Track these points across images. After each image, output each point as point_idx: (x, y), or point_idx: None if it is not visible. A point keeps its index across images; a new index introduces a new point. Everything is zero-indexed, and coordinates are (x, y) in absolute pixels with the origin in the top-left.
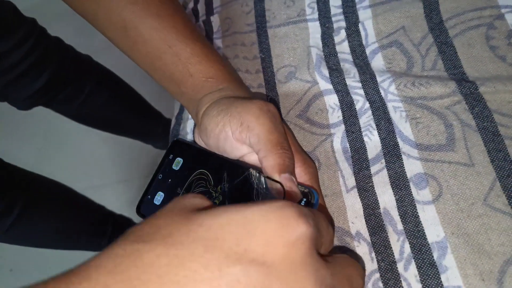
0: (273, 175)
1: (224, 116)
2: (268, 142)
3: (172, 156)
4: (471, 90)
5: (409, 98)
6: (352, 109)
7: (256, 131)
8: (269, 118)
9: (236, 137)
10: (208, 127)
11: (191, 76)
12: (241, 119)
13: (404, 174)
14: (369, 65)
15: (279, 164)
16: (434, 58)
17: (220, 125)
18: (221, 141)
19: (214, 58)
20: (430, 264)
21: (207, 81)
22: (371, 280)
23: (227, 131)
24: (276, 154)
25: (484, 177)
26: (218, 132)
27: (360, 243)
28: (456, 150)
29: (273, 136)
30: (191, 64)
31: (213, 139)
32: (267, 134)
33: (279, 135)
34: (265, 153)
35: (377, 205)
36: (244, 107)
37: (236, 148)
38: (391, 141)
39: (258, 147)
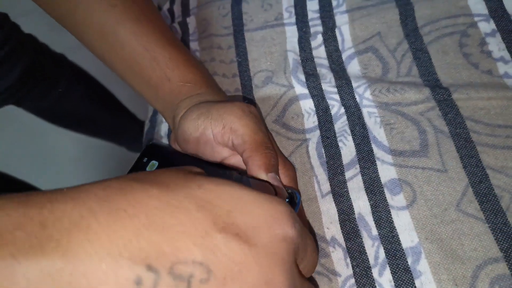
0: (260, 175)
1: (205, 119)
2: (253, 143)
3: (146, 159)
4: (445, 96)
5: (384, 104)
6: (327, 114)
7: (240, 132)
8: (252, 119)
9: (218, 140)
10: (187, 131)
11: (168, 81)
12: (223, 121)
13: (378, 180)
14: (345, 70)
15: (265, 163)
16: (409, 64)
17: (200, 128)
18: (201, 145)
19: (192, 63)
20: (405, 269)
21: (185, 85)
22: (346, 286)
23: (208, 134)
24: (262, 154)
25: (457, 183)
26: (199, 136)
27: (335, 249)
28: (429, 156)
29: (258, 136)
30: (169, 69)
31: (192, 143)
32: (252, 135)
33: (263, 135)
34: (250, 153)
35: (352, 210)
36: (226, 109)
37: (217, 151)
38: (365, 146)
39: (243, 147)
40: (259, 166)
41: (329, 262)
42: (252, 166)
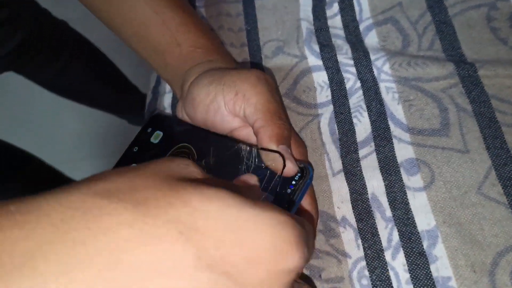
0: (271, 146)
1: (217, 86)
2: (266, 112)
3: (151, 129)
4: (470, 72)
5: (403, 78)
6: (342, 88)
7: (253, 100)
8: (266, 87)
9: (229, 108)
10: (197, 98)
11: (178, 46)
12: (236, 88)
13: (394, 159)
14: (363, 42)
15: (277, 134)
16: (432, 37)
17: (211, 95)
18: (210, 113)
19: (203, 29)
20: (420, 253)
21: (196, 51)
22: (356, 268)
23: (219, 101)
24: (275, 125)
25: (479, 165)
26: (209, 103)
27: (346, 229)
28: (450, 135)
29: (272, 106)
30: (179, 33)
31: (201, 111)
32: (265, 104)
33: (277, 105)
34: (263, 123)
35: (365, 190)
36: (240, 76)
37: (227, 121)
38: (381, 123)
39: (255, 117)
40: (270, 137)
41: (338, 243)
42: (263, 137)
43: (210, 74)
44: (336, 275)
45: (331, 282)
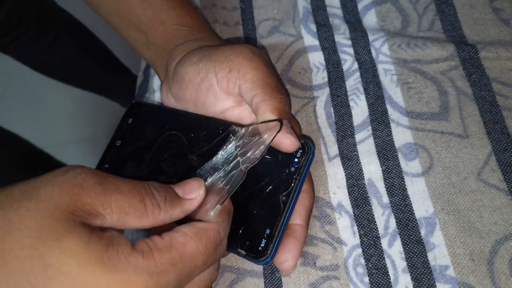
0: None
1: (208, 62)
2: (266, 86)
3: (131, 119)
4: (471, 54)
5: (402, 60)
6: (338, 70)
7: (250, 75)
8: (263, 62)
9: (222, 86)
10: (186, 76)
11: (162, 24)
12: (229, 63)
13: (392, 143)
14: (361, 21)
15: (279, 108)
16: (432, 17)
17: (202, 72)
18: (201, 93)
19: (188, 6)
20: (417, 241)
21: (181, 29)
22: (352, 256)
23: (211, 78)
24: (277, 99)
25: (479, 150)
26: (199, 82)
27: (342, 216)
28: (449, 119)
29: (271, 80)
30: (162, 10)
31: (191, 91)
32: (264, 78)
33: (276, 80)
34: (263, 96)
35: (362, 175)
36: (233, 50)
37: (220, 99)
38: (379, 107)
39: (254, 92)
40: (272, 111)
41: (334, 230)
42: (264, 111)
43: (199, 51)
44: (331, 262)
45: (326, 270)
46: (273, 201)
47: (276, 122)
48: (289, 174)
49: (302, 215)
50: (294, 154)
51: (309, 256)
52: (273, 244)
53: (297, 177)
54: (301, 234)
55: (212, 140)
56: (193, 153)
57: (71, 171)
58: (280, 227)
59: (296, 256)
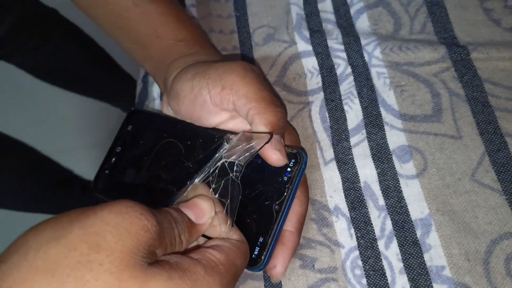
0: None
1: (201, 80)
2: (260, 100)
3: (131, 126)
4: (462, 56)
5: (395, 63)
6: (332, 74)
7: (243, 91)
8: (256, 77)
9: (216, 102)
10: (181, 93)
11: (159, 38)
12: (222, 81)
13: (386, 146)
14: (354, 26)
15: (273, 122)
16: (424, 20)
17: (196, 89)
18: (197, 108)
19: (184, 19)
20: (413, 242)
21: (177, 44)
22: (349, 258)
23: (204, 95)
24: (272, 112)
25: (472, 151)
26: (194, 98)
27: (339, 219)
28: (442, 121)
29: (265, 94)
30: (159, 25)
31: (186, 106)
32: (258, 92)
33: (271, 93)
34: (258, 110)
35: (357, 178)
36: (225, 68)
37: (214, 115)
38: (373, 110)
39: (248, 106)
40: (265, 124)
41: (331, 232)
42: (258, 123)
43: (193, 67)
44: (329, 265)
45: (324, 272)
46: (266, 210)
47: (266, 134)
48: (282, 183)
49: (293, 221)
50: (287, 163)
51: (308, 259)
52: (266, 252)
53: (290, 186)
54: (291, 240)
55: (208, 148)
56: (189, 161)
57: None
58: (273, 235)
59: (285, 262)
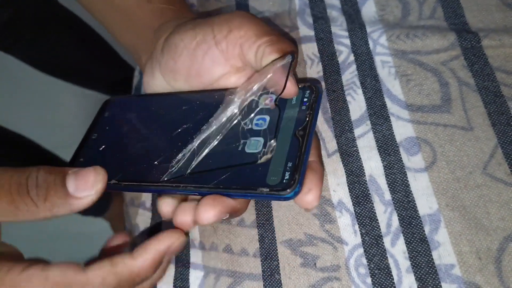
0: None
1: (204, 27)
2: (271, 34)
3: (108, 113)
4: (473, 43)
5: (400, 52)
6: (333, 63)
7: (253, 31)
8: (262, 21)
9: (222, 48)
10: (181, 43)
11: (148, 2)
12: (229, 24)
13: (393, 138)
14: (359, 12)
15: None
16: (434, 4)
17: (199, 36)
18: (197, 58)
19: None
20: (421, 239)
21: (168, 8)
22: (353, 256)
23: (209, 41)
24: (286, 43)
25: (484, 143)
26: (195, 46)
27: (343, 214)
28: (452, 111)
29: (275, 32)
30: None
31: (184, 58)
32: (268, 30)
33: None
34: (270, 42)
35: (362, 171)
36: (231, 14)
37: (217, 63)
38: (377, 100)
39: (259, 42)
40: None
41: (334, 229)
42: (271, 52)
43: (193, 20)
44: (332, 263)
45: (327, 271)
46: (290, 137)
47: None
48: (302, 111)
49: (315, 153)
50: (302, 94)
51: (309, 257)
52: (298, 173)
53: (311, 112)
54: (318, 168)
55: (208, 108)
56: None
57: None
58: (302, 157)
59: (318, 186)
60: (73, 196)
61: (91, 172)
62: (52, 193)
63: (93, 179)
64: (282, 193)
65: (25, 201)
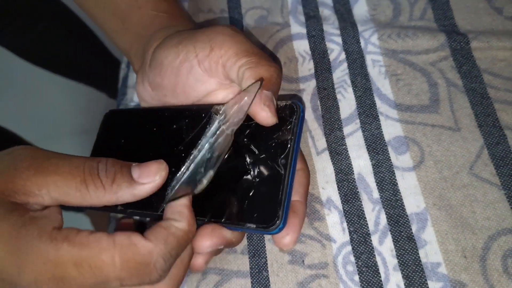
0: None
1: (188, 44)
2: (252, 55)
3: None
4: (461, 44)
5: (391, 51)
6: (325, 61)
7: (234, 50)
8: (245, 38)
9: (204, 67)
10: (165, 60)
11: (139, 9)
12: (210, 42)
13: (381, 137)
14: (351, 11)
15: (264, 77)
16: (424, 6)
17: (182, 54)
18: (182, 77)
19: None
20: (408, 237)
21: (158, 15)
22: (341, 253)
23: (191, 59)
24: (265, 66)
25: (471, 144)
26: (179, 64)
27: (331, 211)
28: (440, 112)
29: (257, 50)
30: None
31: (170, 75)
32: (249, 49)
33: (262, 51)
34: (249, 65)
35: (351, 170)
36: (213, 30)
37: (202, 82)
38: (367, 99)
39: (239, 62)
40: (255, 78)
41: (323, 226)
42: (249, 78)
43: (178, 34)
44: (320, 260)
45: (315, 268)
46: (272, 168)
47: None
48: (283, 137)
49: (300, 192)
50: (282, 116)
51: (297, 254)
52: (282, 208)
53: (292, 137)
54: (300, 209)
55: (196, 126)
56: (178, 145)
57: (15, 152)
58: (285, 190)
59: (296, 230)
60: (137, 181)
61: (154, 163)
62: (119, 177)
63: (156, 167)
64: (267, 230)
65: (95, 181)
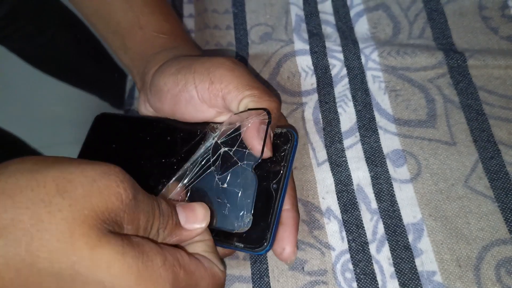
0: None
1: (187, 74)
2: (254, 89)
3: (100, 131)
4: (459, 62)
5: (391, 67)
6: (327, 75)
7: (234, 84)
8: (244, 71)
9: (203, 98)
10: (165, 88)
11: (140, 29)
12: (210, 75)
13: (380, 150)
14: (353, 29)
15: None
16: (423, 25)
17: (181, 84)
18: (181, 105)
19: (168, 12)
20: (405, 247)
21: (159, 37)
22: (340, 261)
23: (191, 90)
24: (267, 101)
25: (466, 158)
26: (178, 93)
27: (330, 221)
28: (437, 127)
29: (258, 84)
30: (143, 15)
31: (169, 102)
32: (250, 83)
33: (263, 85)
34: (252, 98)
35: (350, 181)
36: (212, 62)
37: (201, 111)
38: (367, 113)
39: (241, 96)
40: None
41: (322, 235)
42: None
43: (177, 61)
44: (319, 267)
45: (314, 275)
46: (264, 191)
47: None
48: (277, 162)
49: (290, 200)
50: (277, 143)
51: (297, 261)
52: (270, 232)
53: (285, 164)
54: (290, 217)
55: (190, 141)
56: (170, 157)
57: (113, 176)
58: (274, 214)
59: (292, 242)
60: (184, 228)
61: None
62: (169, 226)
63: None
64: (254, 250)
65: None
